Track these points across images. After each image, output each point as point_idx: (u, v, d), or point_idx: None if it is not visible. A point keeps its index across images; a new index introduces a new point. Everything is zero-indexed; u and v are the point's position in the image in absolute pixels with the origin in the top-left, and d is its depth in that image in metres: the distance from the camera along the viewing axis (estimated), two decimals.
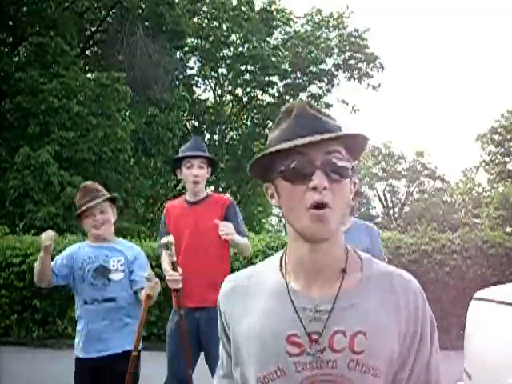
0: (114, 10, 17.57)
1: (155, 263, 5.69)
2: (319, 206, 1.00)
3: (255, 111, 23.75)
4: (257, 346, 1.06)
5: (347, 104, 23.92)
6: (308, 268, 1.07)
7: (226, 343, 1.16)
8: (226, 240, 3.18)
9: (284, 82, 22.29)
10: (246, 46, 20.90)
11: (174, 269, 3.12)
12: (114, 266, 2.96)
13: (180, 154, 3.38)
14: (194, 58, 22.19)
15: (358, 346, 1.01)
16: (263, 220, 27.18)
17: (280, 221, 32.91)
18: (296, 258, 1.09)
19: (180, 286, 3.13)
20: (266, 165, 1.08)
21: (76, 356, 3.01)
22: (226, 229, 3.13)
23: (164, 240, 3.13)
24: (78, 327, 3.04)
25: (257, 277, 1.14)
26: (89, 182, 3.19)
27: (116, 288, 2.95)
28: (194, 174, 3.29)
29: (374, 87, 23.20)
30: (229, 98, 24.22)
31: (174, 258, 3.11)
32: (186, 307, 3.17)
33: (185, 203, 3.42)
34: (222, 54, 21.79)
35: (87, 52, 19.25)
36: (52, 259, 3.01)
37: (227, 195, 3.63)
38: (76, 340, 3.05)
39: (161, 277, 3.13)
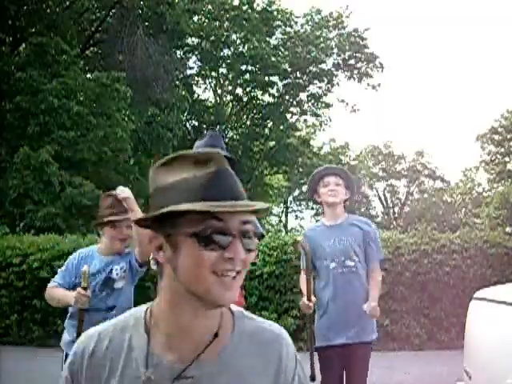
0: (113, 10, 17.57)
1: None
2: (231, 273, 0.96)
3: (255, 111, 23.75)
4: None
5: (347, 104, 23.99)
6: (185, 335, 1.01)
7: None
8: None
9: (284, 81, 22.29)
10: (246, 45, 20.90)
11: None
12: (117, 275, 2.99)
13: None
14: (194, 58, 22.22)
15: None
16: (263, 220, 27.16)
17: (280, 221, 32.91)
18: (175, 326, 1.01)
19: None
20: (166, 215, 0.95)
21: (67, 353, 2.95)
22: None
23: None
24: (71, 323, 3.01)
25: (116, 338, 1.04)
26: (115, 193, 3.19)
27: (116, 295, 2.99)
28: None
29: (373, 87, 23.24)
30: (229, 98, 24.23)
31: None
32: None
33: None
34: (222, 54, 21.79)
35: (87, 52, 19.23)
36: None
37: None
38: (69, 338, 3.00)
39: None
